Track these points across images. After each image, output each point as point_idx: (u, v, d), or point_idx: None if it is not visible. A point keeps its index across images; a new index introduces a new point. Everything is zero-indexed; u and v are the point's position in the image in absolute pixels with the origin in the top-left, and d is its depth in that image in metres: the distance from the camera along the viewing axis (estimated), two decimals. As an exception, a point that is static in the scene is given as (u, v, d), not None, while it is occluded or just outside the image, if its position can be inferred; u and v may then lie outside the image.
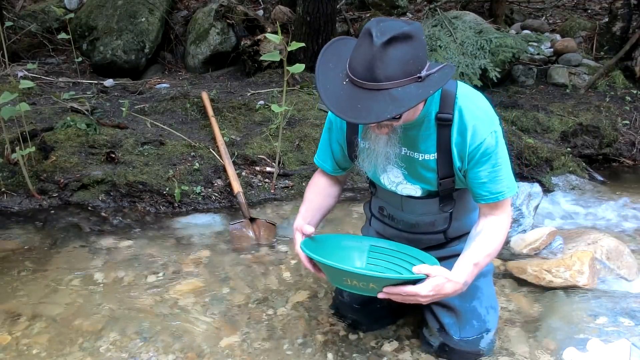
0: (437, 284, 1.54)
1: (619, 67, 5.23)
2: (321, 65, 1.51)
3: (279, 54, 2.92)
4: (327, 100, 1.43)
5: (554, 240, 2.60)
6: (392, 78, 1.38)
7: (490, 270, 1.93)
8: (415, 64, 1.40)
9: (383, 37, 1.36)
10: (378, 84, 1.38)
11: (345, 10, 6.27)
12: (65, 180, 3.15)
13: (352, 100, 1.40)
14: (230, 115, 4.09)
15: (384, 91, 1.38)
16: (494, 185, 1.62)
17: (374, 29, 1.38)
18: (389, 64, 1.37)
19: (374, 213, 2.00)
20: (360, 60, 1.40)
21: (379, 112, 1.37)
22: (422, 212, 1.81)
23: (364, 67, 1.39)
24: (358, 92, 1.40)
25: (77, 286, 2.30)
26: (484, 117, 1.58)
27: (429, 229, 1.85)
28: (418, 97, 1.38)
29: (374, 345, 1.93)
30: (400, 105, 1.37)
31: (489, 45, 4.70)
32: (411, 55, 1.39)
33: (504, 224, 1.67)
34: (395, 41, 1.36)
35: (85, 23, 5.57)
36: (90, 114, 3.91)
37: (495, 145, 1.58)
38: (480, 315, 1.81)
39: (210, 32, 5.50)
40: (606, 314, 2.11)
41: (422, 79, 1.40)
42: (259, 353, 1.89)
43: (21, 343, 1.93)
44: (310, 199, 1.91)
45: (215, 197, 3.23)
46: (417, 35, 1.40)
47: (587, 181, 3.69)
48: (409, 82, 1.39)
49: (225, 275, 2.43)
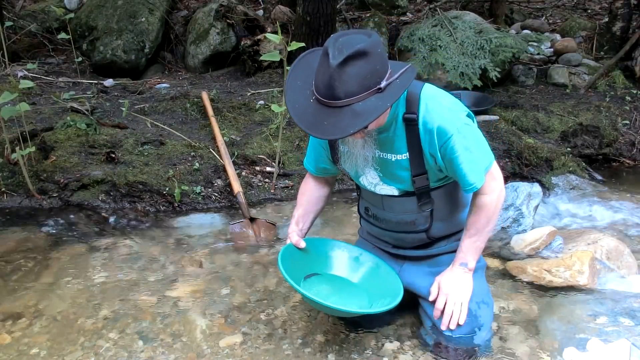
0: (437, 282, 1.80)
1: (619, 67, 5.23)
2: (289, 83, 1.62)
3: (279, 54, 2.93)
4: (296, 118, 1.54)
5: (553, 240, 2.60)
6: (351, 94, 1.47)
7: (482, 267, 1.96)
8: (373, 77, 1.49)
9: (339, 57, 1.45)
10: (339, 101, 1.48)
11: (345, 10, 6.27)
12: (65, 180, 3.15)
13: (319, 118, 1.51)
14: (230, 115, 4.10)
15: (346, 107, 1.48)
16: (475, 175, 1.69)
17: (331, 48, 1.48)
18: (347, 82, 1.46)
19: (361, 213, 2.10)
20: (321, 79, 1.50)
21: (344, 128, 1.48)
22: (401, 210, 1.88)
23: (325, 86, 1.49)
24: (323, 109, 1.51)
25: (77, 286, 2.30)
26: (447, 115, 1.66)
27: (410, 228, 1.91)
28: (379, 109, 1.48)
29: (374, 345, 1.93)
30: (363, 119, 1.47)
31: (489, 45, 4.69)
32: (368, 70, 1.47)
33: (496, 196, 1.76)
34: (350, 59, 1.45)
35: (85, 23, 5.57)
36: (90, 114, 3.91)
37: (462, 140, 1.65)
38: (470, 311, 1.82)
39: (210, 32, 5.49)
40: (606, 314, 2.10)
41: (383, 89, 1.50)
42: (259, 353, 1.89)
43: (21, 343, 1.93)
44: (302, 203, 2.04)
45: (215, 197, 3.23)
46: (373, 50, 1.48)
47: (587, 181, 3.68)
48: (370, 95, 1.49)
49: (225, 275, 2.42)
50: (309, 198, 2.05)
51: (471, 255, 1.82)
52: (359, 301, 1.89)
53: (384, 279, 1.93)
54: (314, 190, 2.06)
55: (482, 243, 1.83)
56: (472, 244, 1.81)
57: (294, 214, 2.03)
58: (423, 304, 1.93)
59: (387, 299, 1.81)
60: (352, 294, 1.93)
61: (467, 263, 1.82)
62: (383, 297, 1.84)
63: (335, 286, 1.95)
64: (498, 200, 1.78)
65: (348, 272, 2.01)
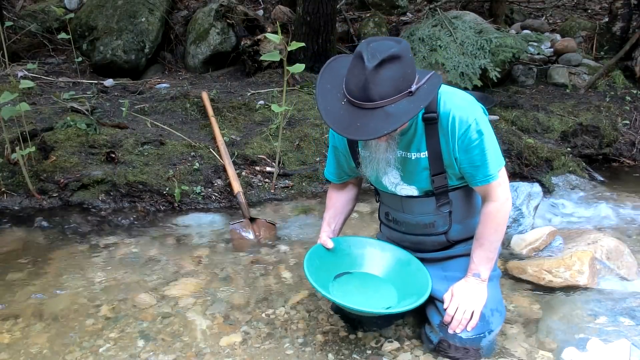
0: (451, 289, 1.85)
1: (619, 67, 5.23)
2: (320, 87, 1.66)
3: (279, 54, 2.93)
4: (329, 120, 1.59)
5: (554, 240, 2.60)
6: (385, 96, 1.53)
7: (497, 276, 1.99)
8: (405, 80, 1.54)
9: (374, 60, 1.50)
10: (373, 103, 1.53)
11: (345, 10, 6.27)
12: (65, 180, 3.15)
13: (351, 119, 1.56)
14: (230, 115, 4.10)
15: (379, 109, 1.54)
16: (486, 169, 1.73)
17: (365, 52, 1.53)
18: (381, 84, 1.51)
19: (381, 219, 2.13)
20: (355, 82, 1.54)
21: (377, 129, 1.53)
22: (420, 212, 1.91)
23: (359, 89, 1.53)
24: (356, 111, 1.56)
25: (77, 286, 2.30)
26: (465, 106, 1.71)
27: (430, 231, 1.94)
28: (410, 111, 1.54)
29: (374, 345, 1.93)
30: (395, 121, 1.52)
31: (489, 45, 4.70)
32: (401, 73, 1.53)
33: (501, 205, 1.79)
34: (385, 63, 1.51)
35: (85, 23, 5.57)
36: (90, 114, 3.91)
37: (480, 131, 1.69)
38: (483, 316, 1.84)
39: (210, 32, 5.49)
40: (606, 313, 2.11)
41: (413, 93, 1.55)
42: (259, 353, 1.89)
43: (21, 343, 1.93)
44: (331, 206, 2.07)
45: (215, 197, 3.23)
46: (405, 54, 1.54)
47: (587, 181, 3.69)
48: (401, 98, 1.55)
49: (225, 275, 2.43)
50: (336, 201, 2.07)
51: (483, 266, 1.84)
52: (387, 300, 1.88)
53: (414, 275, 1.93)
54: (341, 194, 2.09)
55: (492, 253, 1.85)
56: (482, 254, 1.83)
57: (324, 216, 2.05)
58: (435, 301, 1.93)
59: (413, 297, 1.82)
60: (381, 292, 1.92)
61: (480, 274, 1.84)
62: (411, 295, 1.83)
63: (365, 285, 1.95)
64: (506, 207, 1.80)
65: (378, 269, 2.00)
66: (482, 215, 1.82)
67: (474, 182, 1.78)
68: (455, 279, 1.90)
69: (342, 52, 5.52)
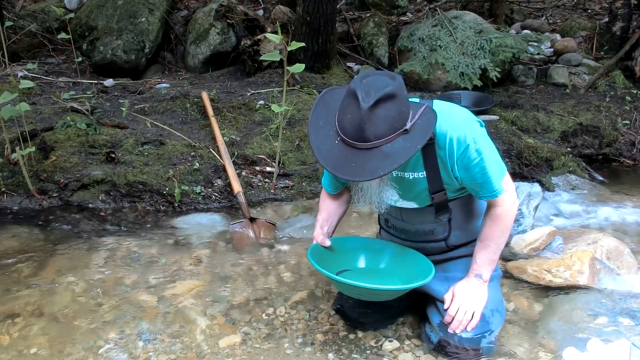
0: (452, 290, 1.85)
1: (619, 67, 5.22)
2: (312, 123, 1.64)
3: (279, 54, 2.93)
4: (323, 160, 1.57)
5: (554, 240, 2.60)
6: (381, 136, 1.51)
7: (497, 276, 2.00)
8: (400, 119, 1.52)
9: (369, 100, 1.48)
10: (369, 143, 1.51)
11: (345, 10, 6.27)
12: (65, 180, 3.15)
13: (346, 159, 1.54)
14: (230, 115, 4.09)
15: (374, 149, 1.52)
16: (490, 185, 1.72)
17: (359, 89, 1.50)
18: (377, 124, 1.49)
19: (381, 225, 2.14)
20: (350, 121, 1.52)
21: (373, 170, 1.50)
22: (419, 220, 1.93)
23: (354, 128, 1.51)
24: (350, 151, 1.53)
25: (77, 286, 2.30)
26: (462, 125, 1.67)
27: (429, 237, 1.96)
28: (407, 151, 1.51)
29: (374, 344, 1.94)
30: (392, 162, 1.50)
31: (489, 45, 4.69)
32: (396, 112, 1.51)
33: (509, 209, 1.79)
34: (380, 102, 1.49)
35: (85, 23, 5.57)
36: (90, 114, 3.91)
37: (479, 150, 1.66)
38: (483, 316, 1.84)
39: (210, 32, 5.49)
40: (606, 313, 2.10)
41: (408, 131, 1.53)
42: (259, 353, 1.90)
43: (21, 343, 1.93)
44: (325, 208, 2.05)
45: (215, 197, 3.23)
46: (399, 92, 1.52)
47: (587, 181, 3.69)
48: (397, 137, 1.52)
49: (225, 275, 2.42)
50: (330, 204, 2.06)
51: (485, 267, 1.85)
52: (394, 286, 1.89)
53: (413, 263, 1.94)
54: (334, 197, 2.08)
55: (495, 255, 1.85)
56: (486, 255, 1.83)
57: (317, 218, 2.04)
58: (436, 301, 1.94)
59: (420, 278, 1.82)
60: (386, 282, 1.92)
61: (482, 275, 1.85)
62: (416, 280, 1.83)
63: (368, 278, 1.95)
64: (512, 212, 1.80)
65: (377, 264, 2.02)
66: (488, 218, 1.81)
67: (479, 197, 1.79)
68: (456, 279, 1.91)
69: (342, 52, 5.52)
